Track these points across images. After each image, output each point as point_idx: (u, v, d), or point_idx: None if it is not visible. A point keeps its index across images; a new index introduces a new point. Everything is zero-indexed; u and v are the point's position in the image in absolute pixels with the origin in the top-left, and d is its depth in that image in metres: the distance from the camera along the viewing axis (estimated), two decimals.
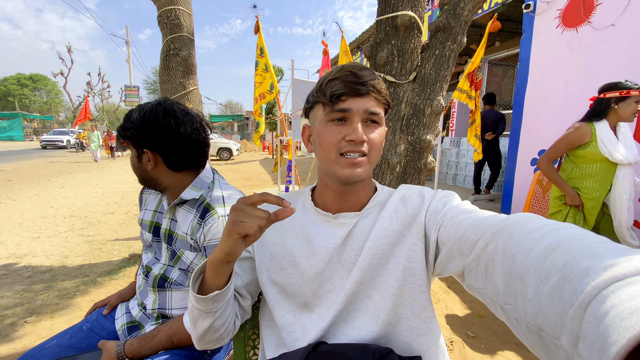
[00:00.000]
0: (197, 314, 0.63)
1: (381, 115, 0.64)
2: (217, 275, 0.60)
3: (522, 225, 0.42)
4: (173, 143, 0.95)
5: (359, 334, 0.64)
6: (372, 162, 0.65)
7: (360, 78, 0.61)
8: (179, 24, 2.72)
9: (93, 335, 1.05)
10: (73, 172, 10.04)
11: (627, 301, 0.26)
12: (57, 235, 4.05)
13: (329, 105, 0.63)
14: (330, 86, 0.62)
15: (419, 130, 1.56)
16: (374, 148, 0.64)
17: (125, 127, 0.95)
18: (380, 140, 0.65)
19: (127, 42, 19.21)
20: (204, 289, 0.62)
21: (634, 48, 2.98)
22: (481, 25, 5.50)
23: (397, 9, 1.50)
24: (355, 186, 0.68)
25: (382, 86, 0.64)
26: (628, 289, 0.26)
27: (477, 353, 1.87)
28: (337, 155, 0.63)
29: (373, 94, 0.62)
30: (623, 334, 0.24)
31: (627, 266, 0.28)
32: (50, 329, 2.09)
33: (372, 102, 0.62)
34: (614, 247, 0.32)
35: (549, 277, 0.33)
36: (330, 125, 0.63)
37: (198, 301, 0.61)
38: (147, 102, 0.99)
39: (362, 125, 0.62)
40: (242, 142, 22.13)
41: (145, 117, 0.94)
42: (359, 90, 0.61)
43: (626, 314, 0.25)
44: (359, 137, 0.61)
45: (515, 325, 0.38)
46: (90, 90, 31.77)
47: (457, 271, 0.54)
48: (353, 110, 0.61)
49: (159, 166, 0.98)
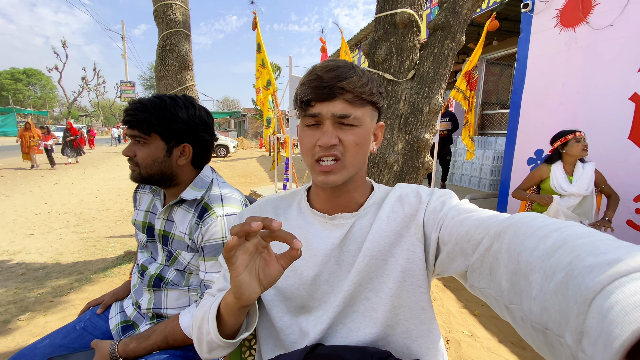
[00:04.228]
0: (216, 346, 0.60)
1: (354, 117, 0.60)
2: (236, 317, 0.58)
3: (527, 224, 0.41)
4: (209, 140, 1.03)
5: (357, 336, 0.63)
6: (350, 165, 0.62)
7: (326, 82, 0.58)
8: (175, 19, 2.69)
9: (86, 334, 1.03)
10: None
11: (631, 296, 0.26)
12: (51, 232, 4.01)
13: (302, 111, 0.62)
14: (300, 91, 0.61)
15: (417, 129, 1.55)
16: (348, 150, 0.61)
17: (167, 118, 0.92)
18: (355, 142, 0.61)
19: (123, 37, 19.01)
20: (225, 327, 0.60)
21: (631, 48, 2.99)
22: (479, 24, 5.49)
23: (396, 7, 1.49)
24: (346, 187, 0.67)
25: (354, 85, 0.59)
26: (632, 285, 0.26)
27: (473, 352, 1.88)
28: (313, 160, 0.62)
29: (341, 96, 0.59)
30: (627, 328, 0.24)
31: (632, 262, 0.28)
32: (43, 327, 2.07)
33: (341, 104, 0.59)
34: (618, 245, 0.32)
35: (554, 275, 0.33)
36: (306, 129, 0.63)
37: (222, 342, 0.59)
38: (165, 94, 0.97)
39: (335, 128, 0.60)
40: (239, 139, 22.04)
41: (190, 113, 0.96)
42: (324, 95, 0.58)
43: (630, 308, 0.25)
44: (327, 142, 0.59)
45: (521, 324, 0.38)
46: (86, 85, 31.47)
47: (459, 271, 0.54)
48: (322, 114, 0.60)
49: (188, 161, 0.99)
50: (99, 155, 14.70)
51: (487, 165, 5.66)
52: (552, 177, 2.43)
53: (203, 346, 0.62)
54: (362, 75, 0.60)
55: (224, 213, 0.95)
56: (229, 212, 0.96)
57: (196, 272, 0.99)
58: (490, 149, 5.90)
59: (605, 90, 3.21)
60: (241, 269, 0.50)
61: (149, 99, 0.94)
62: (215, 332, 0.58)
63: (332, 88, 0.58)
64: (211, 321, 0.59)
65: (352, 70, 0.60)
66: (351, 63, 0.62)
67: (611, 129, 3.14)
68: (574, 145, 2.32)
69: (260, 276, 0.52)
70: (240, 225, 0.46)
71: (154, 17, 2.75)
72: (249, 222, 0.46)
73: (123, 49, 18.83)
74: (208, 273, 0.92)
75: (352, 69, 0.60)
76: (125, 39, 19.03)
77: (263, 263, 0.53)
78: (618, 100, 3.08)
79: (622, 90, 3.05)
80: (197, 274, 0.99)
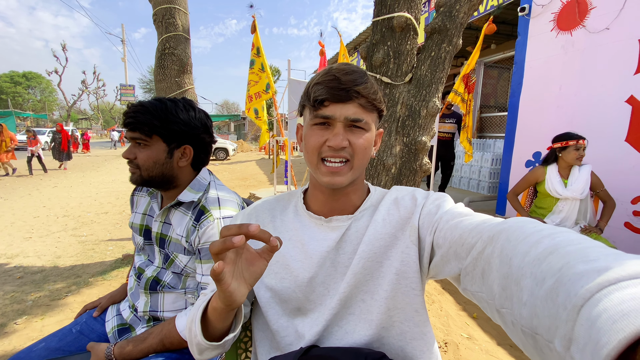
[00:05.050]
0: (204, 348, 0.60)
1: (365, 121, 0.61)
2: (222, 320, 0.57)
3: (519, 230, 0.42)
4: (209, 142, 1.04)
5: (352, 338, 0.63)
6: (357, 168, 0.63)
7: (344, 84, 0.59)
8: (175, 22, 2.70)
9: (82, 337, 1.03)
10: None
11: (618, 304, 0.26)
12: (50, 235, 4.00)
13: (313, 110, 0.62)
14: (314, 90, 0.61)
15: (415, 132, 1.56)
16: (358, 154, 0.62)
17: (169, 120, 0.93)
18: (365, 146, 0.63)
19: (123, 40, 19.09)
20: (209, 329, 0.60)
21: (627, 51, 3.01)
22: (477, 27, 5.53)
23: (394, 10, 1.50)
24: (345, 189, 0.67)
25: (368, 91, 0.61)
26: (620, 293, 0.27)
27: (471, 354, 1.87)
28: (318, 159, 0.63)
29: (356, 100, 0.60)
30: (614, 336, 0.24)
31: (620, 270, 0.28)
32: (40, 331, 2.06)
33: (355, 109, 0.60)
34: (608, 252, 0.32)
35: (545, 281, 0.33)
36: (314, 128, 0.63)
37: (208, 344, 0.59)
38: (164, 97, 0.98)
39: (346, 131, 0.61)
40: (239, 142, 22.06)
41: (190, 115, 0.97)
42: (341, 96, 0.59)
43: (617, 317, 0.25)
44: (338, 144, 0.60)
45: (511, 328, 0.38)
46: (85, 88, 31.51)
47: (453, 274, 0.54)
48: (335, 116, 0.60)
49: (188, 163, 1.00)
50: (98, 159, 14.67)
51: (486, 167, 5.67)
52: (547, 180, 2.42)
53: (194, 348, 0.62)
54: (373, 82, 0.63)
55: (221, 215, 0.95)
56: (226, 215, 0.96)
57: (193, 275, 0.99)
58: (489, 151, 5.92)
59: (602, 93, 3.23)
60: (229, 280, 0.49)
61: (149, 101, 0.95)
62: (200, 335, 0.58)
63: (349, 91, 0.59)
64: (197, 325, 0.59)
65: (366, 77, 0.62)
66: (363, 69, 0.64)
67: (608, 132, 3.16)
68: (571, 152, 2.30)
69: (245, 276, 0.52)
70: (221, 243, 0.45)
71: (154, 21, 2.76)
72: (229, 239, 0.45)
73: (123, 53, 18.91)
74: (205, 276, 0.92)
75: (365, 76, 0.62)
76: (125, 42, 19.11)
77: (246, 263, 0.52)
78: (615, 102, 3.10)
79: (618, 93, 3.07)
80: (194, 277, 0.99)
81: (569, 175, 2.38)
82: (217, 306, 0.54)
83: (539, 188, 2.52)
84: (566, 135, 2.34)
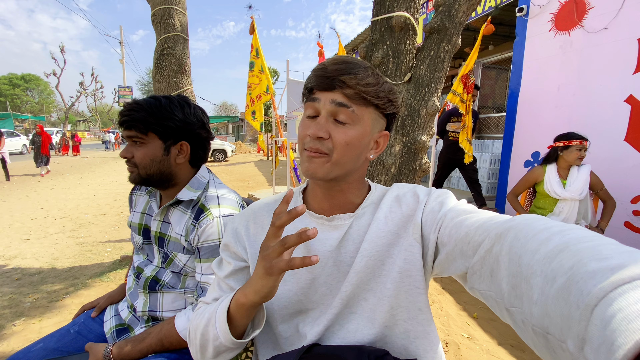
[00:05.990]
0: (225, 349, 0.60)
1: (353, 110, 0.59)
2: (249, 316, 0.59)
3: (528, 227, 0.41)
4: (206, 138, 1.03)
5: (355, 337, 0.62)
6: (337, 164, 0.60)
7: (329, 72, 0.59)
8: (173, 23, 2.69)
9: (80, 338, 1.02)
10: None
11: (634, 304, 0.25)
12: (47, 236, 3.98)
13: (305, 100, 0.64)
14: (307, 80, 0.63)
15: (414, 131, 1.56)
16: (337, 148, 0.59)
17: (164, 116, 0.92)
18: (346, 141, 0.59)
19: (121, 42, 19.08)
20: (236, 328, 0.60)
21: (626, 51, 3.02)
22: (475, 28, 5.54)
23: (392, 10, 1.50)
24: (339, 186, 0.66)
25: (358, 82, 0.58)
26: (635, 292, 0.26)
27: (472, 354, 1.86)
28: (302, 149, 0.63)
29: (341, 89, 0.58)
30: (630, 337, 0.23)
31: (635, 268, 0.28)
32: (38, 332, 2.04)
33: (340, 98, 0.59)
34: (622, 250, 0.31)
35: (556, 279, 0.32)
36: (305, 120, 0.64)
37: (234, 343, 0.59)
38: (160, 95, 0.98)
39: (330, 123, 0.60)
40: (237, 144, 22.04)
41: (186, 111, 0.97)
42: (326, 84, 0.59)
43: (633, 316, 0.24)
44: (314, 133, 0.59)
45: (521, 327, 0.38)
46: (83, 90, 31.46)
47: (458, 272, 0.53)
48: (321, 101, 0.60)
49: (186, 160, 1.00)
50: (96, 161, 14.62)
51: (485, 168, 5.68)
52: (546, 181, 2.41)
53: (209, 351, 0.61)
54: (372, 76, 0.60)
55: (220, 214, 0.94)
56: (226, 213, 0.95)
57: (192, 275, 0.98)
58: (488, 152, 5.92)
59: (600, 93, 3.23)
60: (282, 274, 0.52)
61: (144, 99, 0.95)
62: (227, 334, 0.58)
63: (333, 79, 0.58)
64: (222, 325, 0.58)
65: (362, 69, 0.59)
66: (367, 64, 0.62)
67: (607, 132, 3.16)
68: (574, 152, 2.28)
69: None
70: (297, 236, 0.49)
71: (152, 22, 2.76)
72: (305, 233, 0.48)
73: (121, 55, 18.88)
74: (204, 275, 0.91)
75: (363, 69, 0.59)
76: (123, 44, 19.10)
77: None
78: (614, 102, 3.11)
79: (617, 92, 3.08)
80: (193, 276, 0.98)
81: (567, 175, 2.38)
82: (247, 301, 0.56)
83: (537, 188, 2.51)
84: (569, 134, 2.33)
